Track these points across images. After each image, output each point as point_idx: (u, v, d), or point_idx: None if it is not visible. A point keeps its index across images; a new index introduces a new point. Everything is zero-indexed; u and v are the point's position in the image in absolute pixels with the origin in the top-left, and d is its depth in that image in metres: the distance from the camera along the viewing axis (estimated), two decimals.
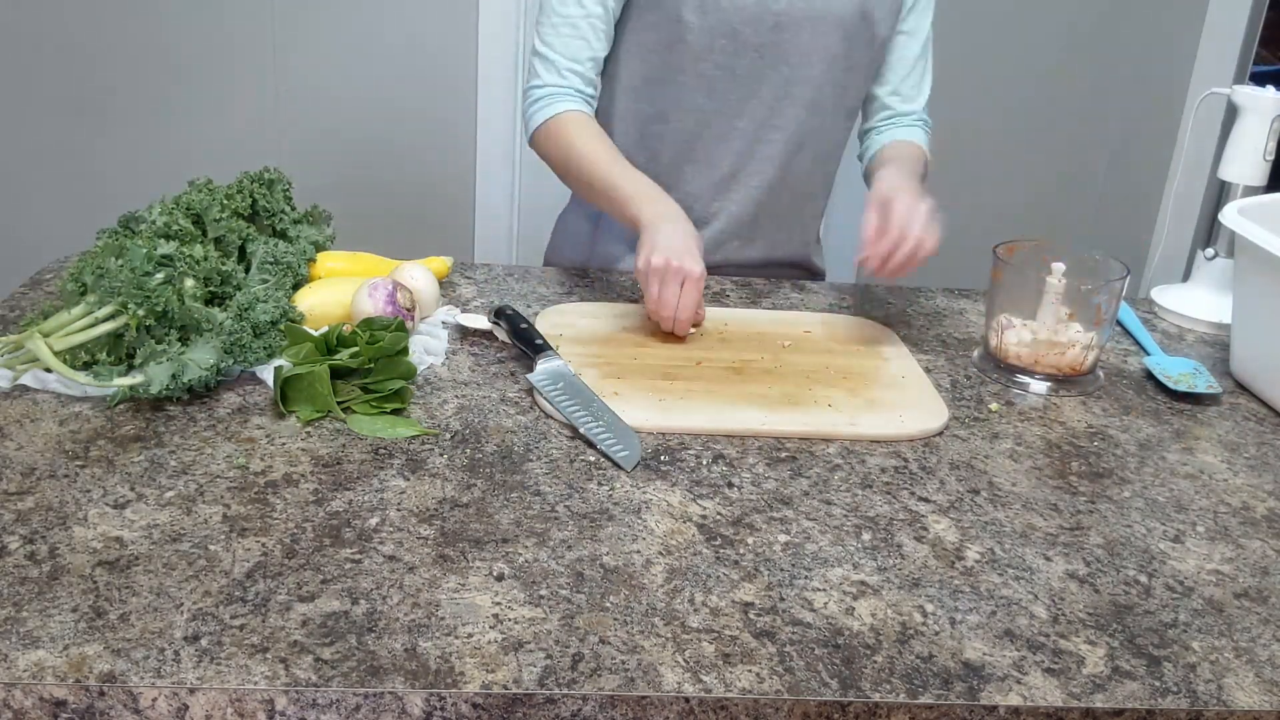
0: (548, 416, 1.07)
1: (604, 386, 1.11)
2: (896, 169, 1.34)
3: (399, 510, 0.90)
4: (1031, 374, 1.21)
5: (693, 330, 1.25)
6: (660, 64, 1.37)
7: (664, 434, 1.05)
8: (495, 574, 0.83)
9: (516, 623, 0.78)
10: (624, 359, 1.18)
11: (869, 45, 1.40)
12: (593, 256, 1.51)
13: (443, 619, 0.78)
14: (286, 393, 1.04)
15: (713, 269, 1.49)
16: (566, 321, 1.26)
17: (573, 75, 1.35)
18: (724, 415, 1.08)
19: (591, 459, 1.00)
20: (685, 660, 0.76)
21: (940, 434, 1.10)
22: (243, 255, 1.20)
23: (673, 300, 1.19)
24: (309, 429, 1.02)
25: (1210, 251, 1.45)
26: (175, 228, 1.13)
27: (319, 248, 1.28)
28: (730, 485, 0.98)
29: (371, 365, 1.07)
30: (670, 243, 1.19)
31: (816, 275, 1.60)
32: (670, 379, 1.14)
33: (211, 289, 1.12)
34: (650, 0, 1.34)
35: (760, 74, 1.36)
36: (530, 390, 1.11)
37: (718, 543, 0.89)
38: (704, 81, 1.36)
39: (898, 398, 1.14)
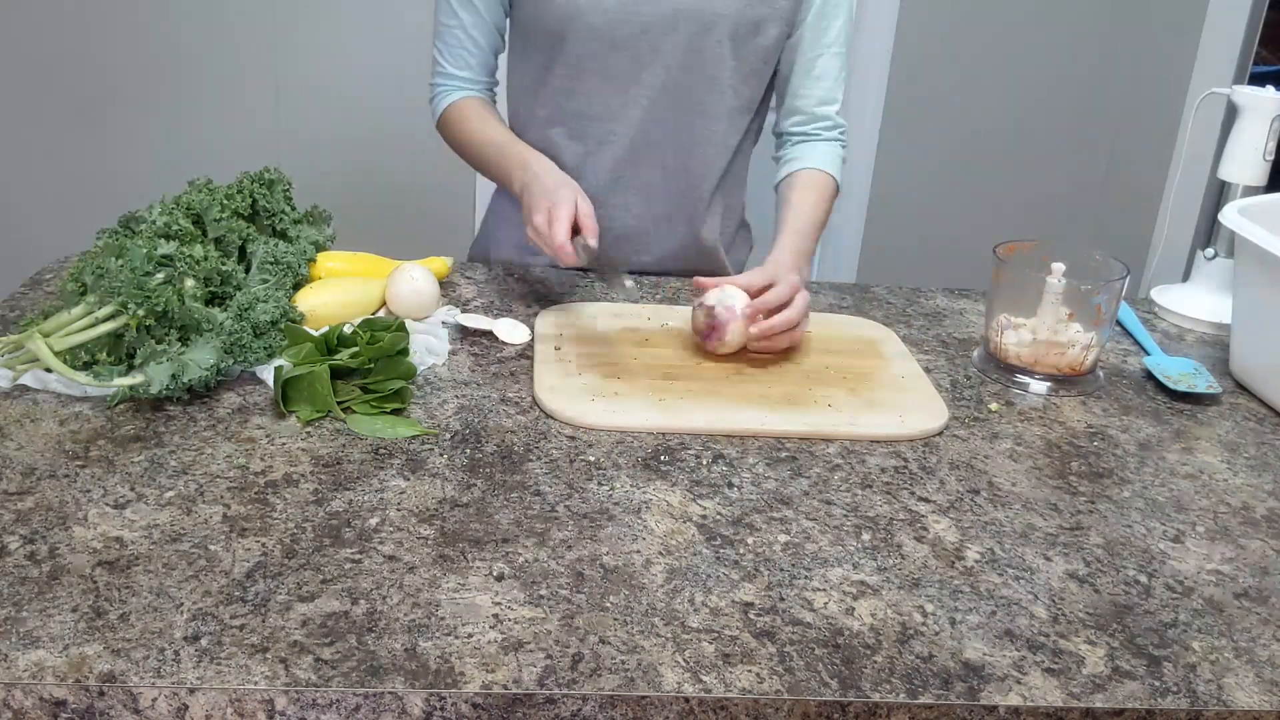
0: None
1: (604, 386, 1.11)
2: (791, 237, 1.31)
3: (399, 510, 0.90)
4: (1031, 374, 1.21)
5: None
6: (540, 71, 1.37)
7: (664, 434, 1.05)
8: (495, 574, 0.83)
9: (516, 623, 0.78)
10: (624, 359, 1.18)
11: (757, 46, 1.35)
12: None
13: (443, 619, 0.78)
14: (286, 393, 1.04)
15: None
16: (566, 321, 1.26)
17: (460, 73, 1.41)
18: (724, 415, 1.08)
19: (591, 459, 1.00)
20: (685, 660, 0.76)
21: (940, 434, 1.10)
22: (243, 255, 1.20)
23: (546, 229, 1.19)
24: (309, 429, 1.02)
25: (1210, 251, 1.45)
26: (175, 228, 1.13)
27: (319, 248, 1.28)
28: (730, 485, 0.98)
29: (371, 365, 1.07)
30: (543, 186, 1.22)
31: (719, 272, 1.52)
32: (670, 379, 1.14)
33: (211, 289, 1.12)
34: (528, 14, 1.35)
35: (634, 76, 1.34)
36: (532, 399, 1.11)
37: (718, 543, 0.89)
38: (581, 86, 1.35)
39: (898, 398, 1.14)
